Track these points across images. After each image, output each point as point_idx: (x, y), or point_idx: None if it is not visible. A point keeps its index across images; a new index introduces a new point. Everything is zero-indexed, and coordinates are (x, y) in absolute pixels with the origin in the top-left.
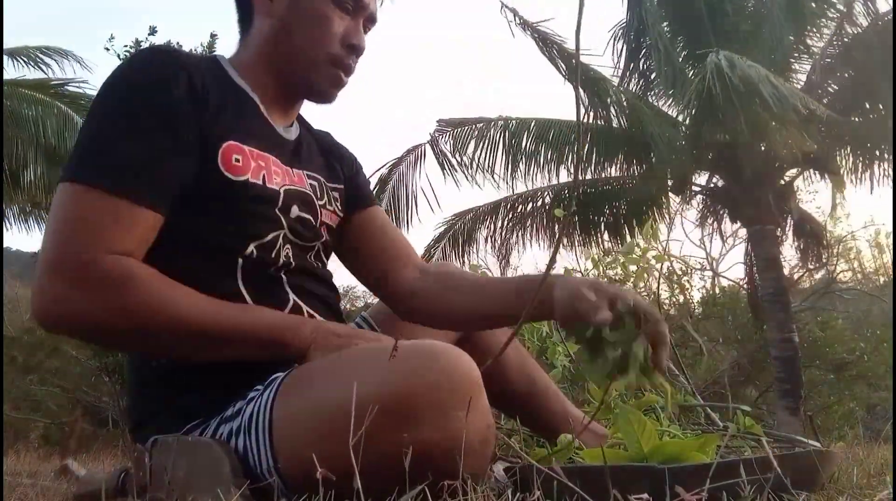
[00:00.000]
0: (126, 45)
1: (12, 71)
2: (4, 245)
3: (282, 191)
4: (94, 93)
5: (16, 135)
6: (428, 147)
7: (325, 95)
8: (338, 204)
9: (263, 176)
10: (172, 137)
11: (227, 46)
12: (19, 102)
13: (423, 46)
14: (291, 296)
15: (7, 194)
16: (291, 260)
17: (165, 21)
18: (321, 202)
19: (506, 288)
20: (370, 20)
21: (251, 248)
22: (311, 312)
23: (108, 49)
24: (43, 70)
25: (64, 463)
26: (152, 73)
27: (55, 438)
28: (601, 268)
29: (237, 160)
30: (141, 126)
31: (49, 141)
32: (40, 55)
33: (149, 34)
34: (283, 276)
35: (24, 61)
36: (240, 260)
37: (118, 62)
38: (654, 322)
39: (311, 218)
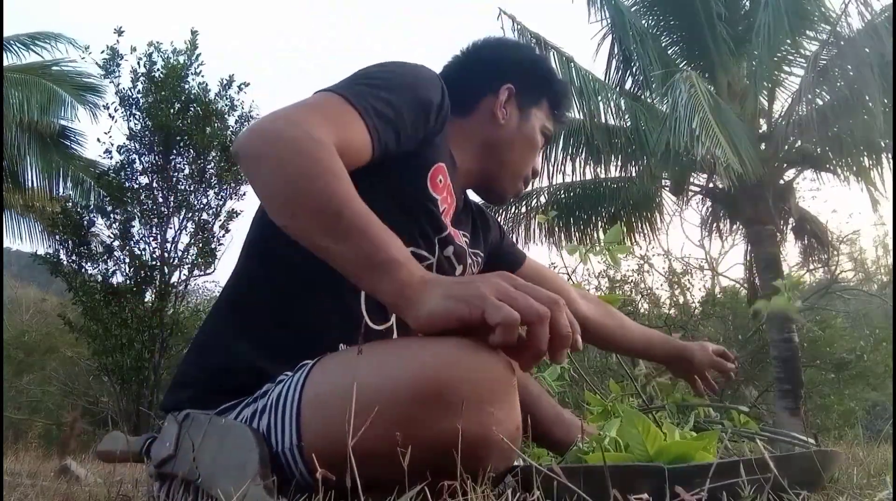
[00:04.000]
0: (102, 51)
1: (7, 59)
2: (4, 245)
3: (450, 230)
4: (82, 72)
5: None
6: None
7: (503, 201)
8: (474, 268)
9: (445, 209)
10: (415, 120)
11: (207, 43)
12: (6, 87)
13: (424, 46)
14: (366, 317)
15: (6, 195)
16: None
17: (143, 16)
18: (469, 262)
19: (649, 337)
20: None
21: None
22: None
23: (83, 58)
24: (38, 54)
25: (64, 463)
26: (431, 74)
27: (54, 438)
28: (586, 261)
29: (440, 181)
30: (401, 95)
31: (33, 117)
32: (31, 41)
33: (117, 34)
34: None
35: (20, 48)
36: None
37: (98, 69)
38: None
39: (456, 266)
